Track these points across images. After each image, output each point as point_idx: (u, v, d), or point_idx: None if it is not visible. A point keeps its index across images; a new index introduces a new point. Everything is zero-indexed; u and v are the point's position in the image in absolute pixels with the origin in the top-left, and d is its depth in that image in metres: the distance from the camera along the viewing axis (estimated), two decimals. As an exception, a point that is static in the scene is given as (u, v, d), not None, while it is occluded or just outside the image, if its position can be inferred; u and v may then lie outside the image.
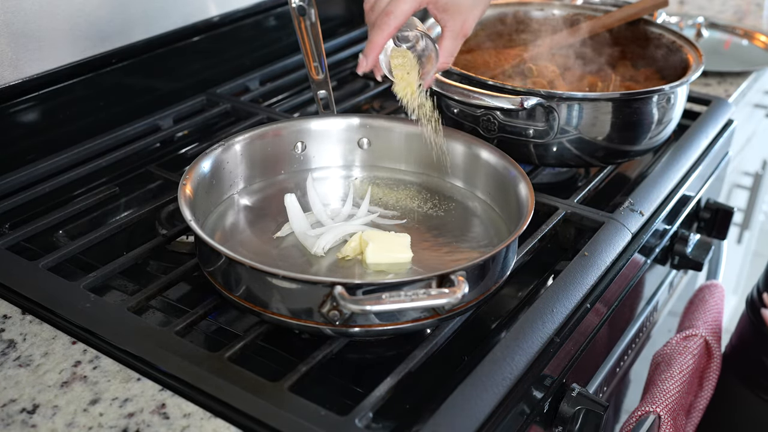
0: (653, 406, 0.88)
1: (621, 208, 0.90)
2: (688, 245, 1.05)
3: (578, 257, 0.82)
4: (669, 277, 1.12)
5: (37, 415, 0.62)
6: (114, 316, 0.71)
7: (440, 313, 0.67)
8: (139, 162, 1.05)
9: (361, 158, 0.93)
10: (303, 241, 0.79)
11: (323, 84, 0.91)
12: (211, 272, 0.72)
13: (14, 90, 0.97)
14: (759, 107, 1.72)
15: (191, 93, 1.17)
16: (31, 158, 0.98)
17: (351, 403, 0.62)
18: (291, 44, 1.36)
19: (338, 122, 0.92)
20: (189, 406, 0.64)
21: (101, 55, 1.06)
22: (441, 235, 0.82)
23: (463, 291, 0.62)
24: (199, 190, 0.80)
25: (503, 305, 0.81)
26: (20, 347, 0.70)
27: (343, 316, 0.64)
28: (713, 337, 1.01)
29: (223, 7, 1.23)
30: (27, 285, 0.75)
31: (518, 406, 0.67)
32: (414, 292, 0.62)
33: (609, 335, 0.90)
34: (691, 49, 1.05)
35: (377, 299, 0.61)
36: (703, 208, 1.14)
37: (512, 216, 0.80)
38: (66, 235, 0.91)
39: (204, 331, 0.77)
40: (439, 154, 0.89)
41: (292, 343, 0.75)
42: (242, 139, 0.87)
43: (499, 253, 0.70)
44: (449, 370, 0.71)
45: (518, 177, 0.81)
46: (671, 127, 1.00)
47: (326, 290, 0.64)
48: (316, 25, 0.87)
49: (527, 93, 0.89)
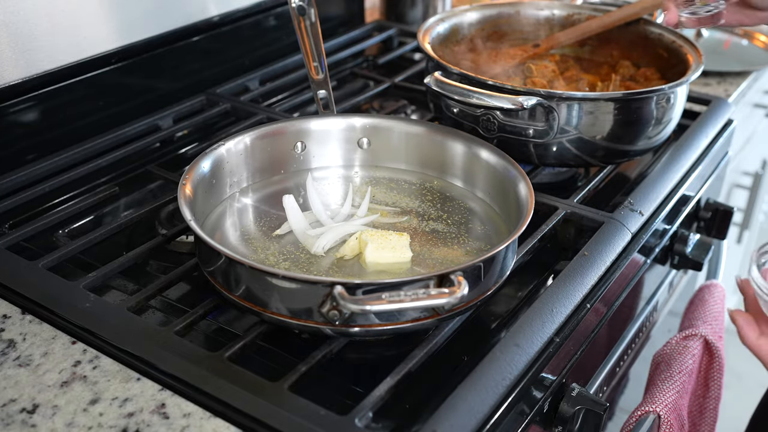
0: (653, 405, 0.88)
1: (621, 208, 0.90)
2: (687, 245, 1.05)
3: (578, 257, 0.82)
4: (669, 277, 1.12)
5: (37, 415, 0.62)
6: (114, 315, 0.71)
7: (440, 313, 0.67)
8: (138, 162, 1.05)
9: (361, 158, 0.94)
10: (303, 241, 0.79)
11: (323, 84, 0.91)
12: (210, 272, 0.72)
13: (14, 90, 0.97)
14: (759, 107, 1.72)
15: (191, 93, 1.17)
16: (31, 158, 0.98)
17: (351, 402, 0.62)
18: (291, 44, 1.36)
19: (338, 122, 0.92)
20: (189, 406, 0.64)
21: (101, 55, 1.06)
22: (440, 235, 0.82)
23: (463, 291, 0.62)
24: (198, 190, 0.80)
25: (503, 305, 0.81)
26: (20, 347, 0.70)
27: (343, 315, 0.64)
28: (714, 336, 1.01)
29: (223, 7, 1.23)
30: (27, 285, 0.75)
31: (518, 405, 0.67)
32: (414, 291, 0.62)
33: (609, 335, 0.91)
34: (690, 49, 1.05)
35: (377, 299, 0.61)
36: (703, 207, 1.14)
37: (512, 216, 0.80)
38: (66, 235, 0.91)
39: (204, 331, 0.77)
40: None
41: (291, 343, 0.75)
42: (242, 139, 0.87)
43: (499, 253, 0.69)
44: (449, 370, 0.71)
45: (518, 177, 0.81)
46: (671, 127, 1.00)
47: (326, 290, 0.64)
48: (315, 24, 0.87)
49: (527, 93, 0.89)
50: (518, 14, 1.21)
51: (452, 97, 0.90)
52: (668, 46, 1.10)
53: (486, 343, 0.72)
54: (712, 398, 1.05)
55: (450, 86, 0.90)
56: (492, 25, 1.20)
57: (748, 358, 0.99)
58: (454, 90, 0.90)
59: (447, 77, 0.92)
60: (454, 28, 1.15)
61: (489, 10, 1.20)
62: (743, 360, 2.22)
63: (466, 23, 1.17)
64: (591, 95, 0.91)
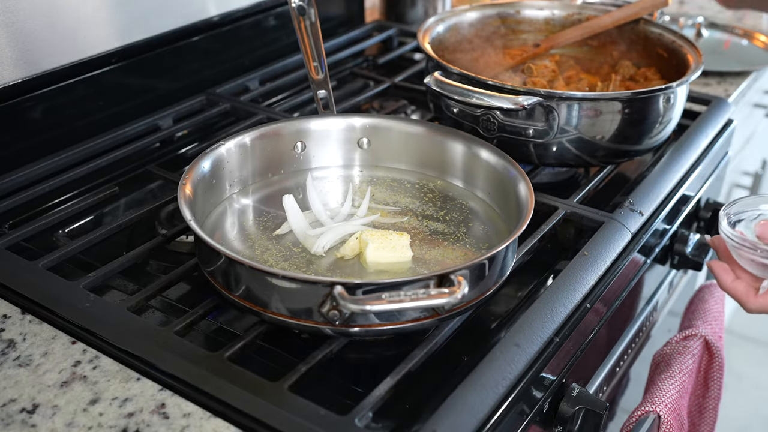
0: (653, 405, 0.88)
1: (621, 208, 0.90)
2: (687, 245, 1.05)
3: (578, 257, 0.82)
4: (669, 277, 1.12)
5: (37, 415, 0.62)
6: (114, 315, 0.71)
7: (440, 313, 0.67)
8: (138, 162, 1.05)
9: (360, 158, 0.94)
10: (303, 241, 0.79)
11: (323, 84, 0.91)
12: (210, 272, 0.72)
13: (14, 89, 0.97)
14: (759, 107, 1.72)
15: (191, 93, 1.17)
16: (31, 158, 0.98)
17: (351, 402, 0.62)
18: (290, 44, 1.36)
19: (338, 122, 0.92)
20: (189, 406, 0.64)
21: (101, 55, 1.06)
22: (440, 235, 0.82)
23: (463, 291, 0.62)
24: (198, 190, 0.80)
25: (503, 305, 0.81)
26: (20, 347, 0.70)
27: (342, 315, 0.64)
28: (714, 336, 1.01)
29: (223, 7, 1.23)
30: (27, 285, 0.75)
31: (518, 405, 0.67)
32: (414, 291, 0.62)
33: (609, 335, 0.91)
34: (690, 49, 1.05)
35: (377, 299, 0.61)
36: (703, 207, 1.14)
37: (512, 216, 0.80)
38: (66, 235, 0.91)
39: (204, 331, 0.77)
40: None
41: (291, 343, 0.75)
42: (242, 139, 0.87)
43: (499, 253, 0.69)
44: (449, 369, 0.71)
45: (518, 177, 0.81)
46: (671, 126, 1.00)
47: (326, 290, 0.64)
48: (315, 24, 0.87)
49: (527, 93, 0.89)
50: (518, 14, 1.21)
51: (452, 97, 0.90)
52: (668, 46, 1.10)
53: (486, 343, 0.72)
54: (711, 398, 1.05)
55: (450, 86, 0.90)
56: (492, 25, 1.20)
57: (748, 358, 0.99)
58: (454, 90, 0.90)
59: (447, 77, 0.92)
60: (453, 28, 1.15)
61: (489, 10, 1.20)
62: (743, 360, 2.22)
63: (465, 23, 1.17)
64: (591, 95, 0.91)
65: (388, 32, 1.46)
